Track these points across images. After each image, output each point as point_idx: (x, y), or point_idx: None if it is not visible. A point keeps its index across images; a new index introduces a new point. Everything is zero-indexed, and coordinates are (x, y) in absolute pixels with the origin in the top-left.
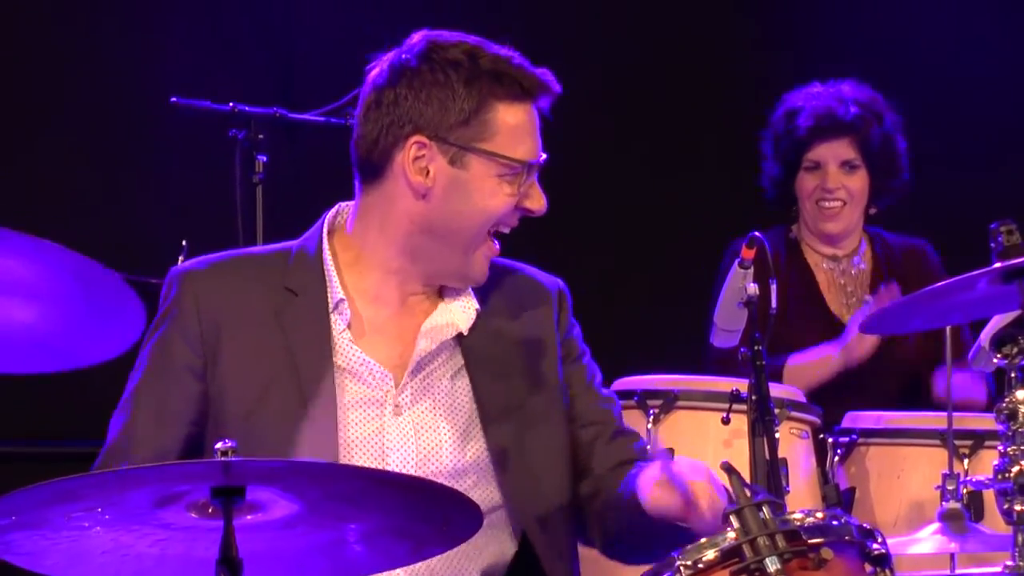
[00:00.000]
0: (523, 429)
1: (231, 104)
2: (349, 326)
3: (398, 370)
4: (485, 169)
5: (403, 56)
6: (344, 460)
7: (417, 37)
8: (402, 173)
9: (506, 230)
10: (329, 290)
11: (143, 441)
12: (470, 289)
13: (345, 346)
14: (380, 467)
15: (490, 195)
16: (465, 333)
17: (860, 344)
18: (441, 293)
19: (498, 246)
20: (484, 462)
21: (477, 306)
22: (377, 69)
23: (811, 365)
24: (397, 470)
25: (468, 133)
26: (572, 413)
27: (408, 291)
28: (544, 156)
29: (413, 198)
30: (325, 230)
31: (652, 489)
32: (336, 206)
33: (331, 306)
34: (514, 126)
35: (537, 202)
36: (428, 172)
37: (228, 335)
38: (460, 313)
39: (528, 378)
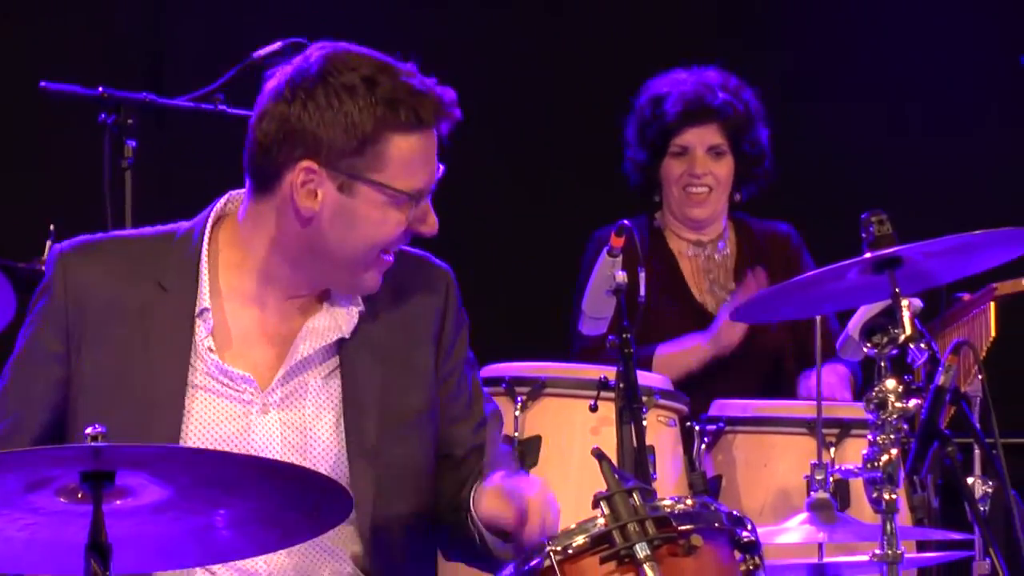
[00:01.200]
0: (391, 429)
1: (100, 89)
2: (212, 333)
3: (270, 371)
4: (374, 197)
5: (301, 72)
6: None
7: (316, 52)
8: (290, 194)
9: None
10: (199, 293)
11: (14, 423)
12: (357, 297)
13: (204, 354)
14: None
15: (378, 223)
16: (347, 336)
17: (730, 332)
18: (325, 294)
19: (392, 259)
20: (345, 460)
21: (361, 308)
22: (275, 80)
23: (681, 355)
24: None
25: (359, 163)
26: (443, 413)
27: (291, 294)
28: (439, 175)
29: (299, 222)
30: (211, 221)
31: (488, 498)
32: (227, 194)
33: (197, 311)
34: (408, 157)
35: (428, 226)
36: (316, 195)
37: (93, 325)
38: (343, 316)
39: (404, 375)
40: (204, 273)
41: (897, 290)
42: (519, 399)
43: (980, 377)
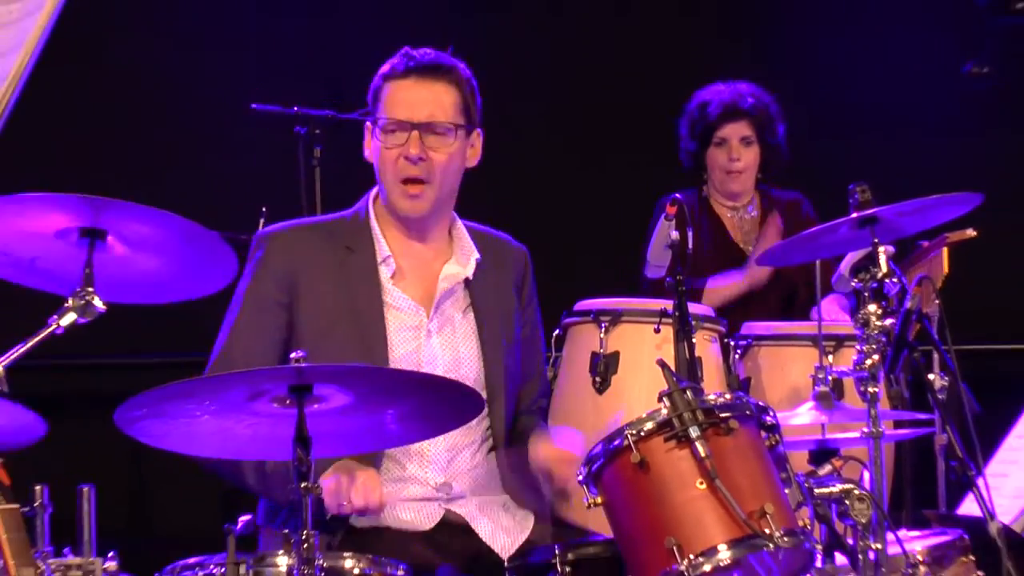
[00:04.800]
0: (503, 349)
1: (295, 108)
2: (393, 275)
3: (426, 303)
4: (374, 131)
5: None
6: None
7: None
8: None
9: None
10: (377, 247)
11: (245, 352)
12: (472, 243)
13: (390, 288)
14: None
15: (378, 150)
16: (470, 278)
17: (759, 274)
18: (449, 248)
19: (412, 189)
20: (483, 371)
21: (478, 256)
22: None
23: (724, 288)
24: None
25: (374, 110)
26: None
27: (418, 239)
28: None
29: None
30: (371, 202)
31: (544, 453)
32: (378, 184)
33: (379, 260)
34: (386, 98)
35: (409, 153)
36: (368, 145)
37: (304, 280)
38: (465, 263)
39: (505, 320)
40: (377, 233)
41: (876, 240)
42: (603, 325)
43: (937, 302)
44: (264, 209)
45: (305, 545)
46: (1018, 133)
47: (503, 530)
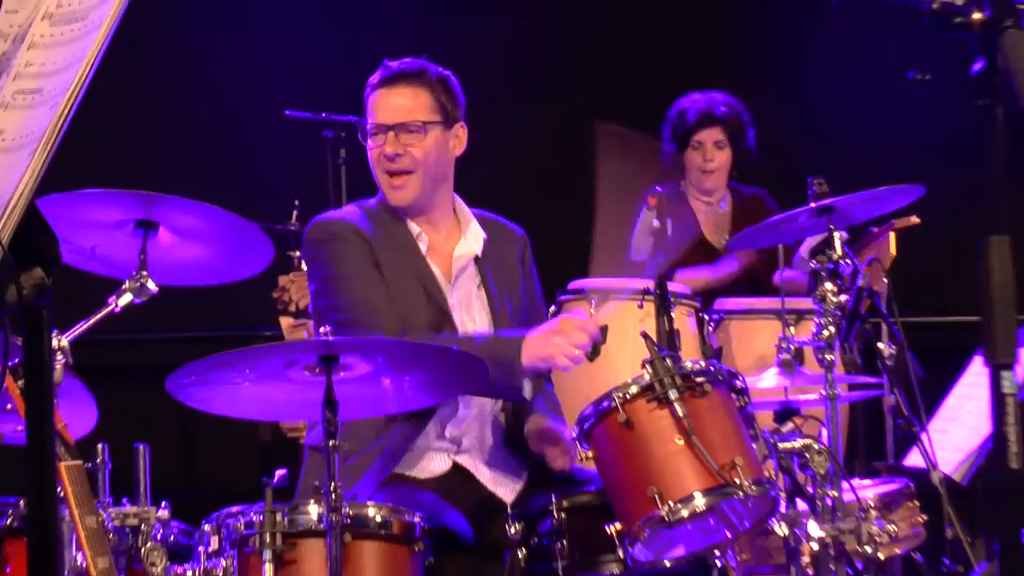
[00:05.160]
0: (509, 320)
1: (323, 114)
2: (426, 251)
3: (446, 279)
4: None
5: None
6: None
7: None
8: None
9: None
10: (410, 227)
11: (381, 307)
12: (477, 224)
13: (430, 262)
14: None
15: (369, 149)
16: (480, 256)
17: (726, 275)
18: (460, 228)
19: (396, 181)
20: None
21: (484, 235)
22: None
23: (691, 280)
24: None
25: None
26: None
27: (431, 221)
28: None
29: None
30: None
31: (537, 431)
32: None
33: (415, 234)
34: (370, 105)
35: (385, 152)
36: None
37: (376, 251)
38: (475, 241)
39: (512, 292)
40: (403, 215)
41: (832, 227)
42: (593, 301)
43: (886, 280)
44: (296, 203)
45: (333, 496)
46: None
47: (504, 477)
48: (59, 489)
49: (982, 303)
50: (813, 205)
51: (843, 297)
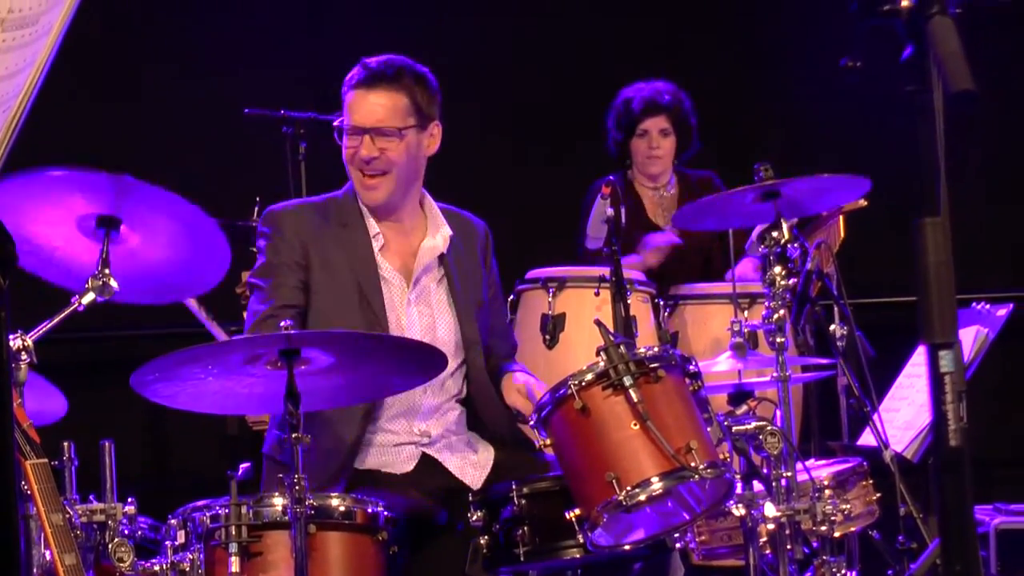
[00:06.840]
0: (472, 313)
1: (282, 111)
2: (381, 249)
3: (406, 275)
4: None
5: None
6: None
7: None
8: None
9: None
10: (367, 223)
11: (281, 308)
12: (444, 220)
13: (381, 261)
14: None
15: (344, 148)
16: (444, 252)
17: (651, 257)
18: (424, 225)
19: (369, 180)
20: (457, 339)
21: (450, 233)
22: None
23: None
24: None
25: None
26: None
27: (395, 218)
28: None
29: None
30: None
31: (513, 392)
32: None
33: (371, 234)
34: (347, 105)
35: (359, 153)
36: None
37: (314, 249)
38: (440, 239)
39: (474, 289)
40: (365, 212)
41: (779, 212)
42: (551, 290)
43: (834, 263)
44: (257, 199)
45: (297, 487)
46: (897, 119)
47: (471, 465)
48: (25, 487)
49: (917, 284)
50: (757, 185)
51: (792, 280)
